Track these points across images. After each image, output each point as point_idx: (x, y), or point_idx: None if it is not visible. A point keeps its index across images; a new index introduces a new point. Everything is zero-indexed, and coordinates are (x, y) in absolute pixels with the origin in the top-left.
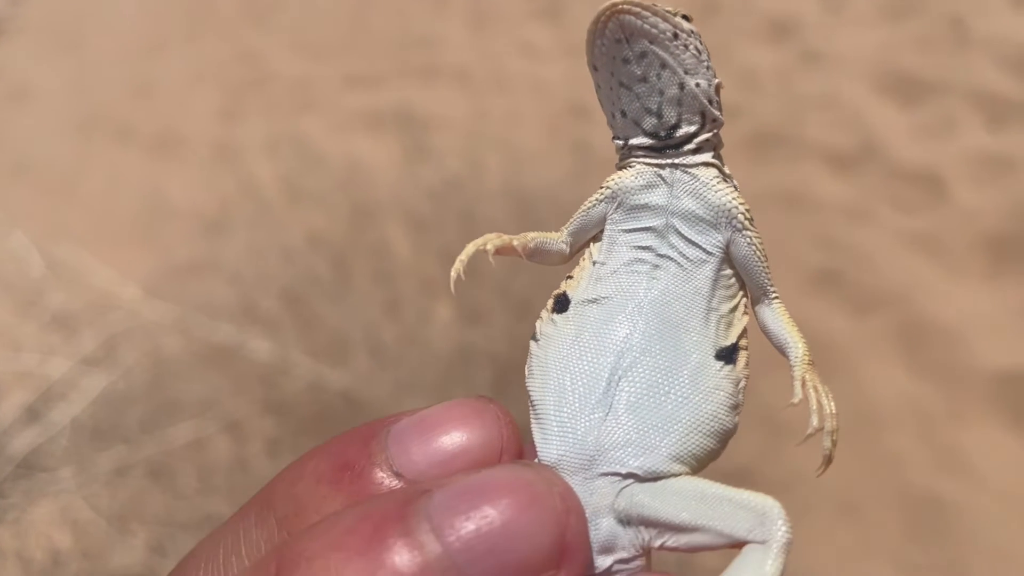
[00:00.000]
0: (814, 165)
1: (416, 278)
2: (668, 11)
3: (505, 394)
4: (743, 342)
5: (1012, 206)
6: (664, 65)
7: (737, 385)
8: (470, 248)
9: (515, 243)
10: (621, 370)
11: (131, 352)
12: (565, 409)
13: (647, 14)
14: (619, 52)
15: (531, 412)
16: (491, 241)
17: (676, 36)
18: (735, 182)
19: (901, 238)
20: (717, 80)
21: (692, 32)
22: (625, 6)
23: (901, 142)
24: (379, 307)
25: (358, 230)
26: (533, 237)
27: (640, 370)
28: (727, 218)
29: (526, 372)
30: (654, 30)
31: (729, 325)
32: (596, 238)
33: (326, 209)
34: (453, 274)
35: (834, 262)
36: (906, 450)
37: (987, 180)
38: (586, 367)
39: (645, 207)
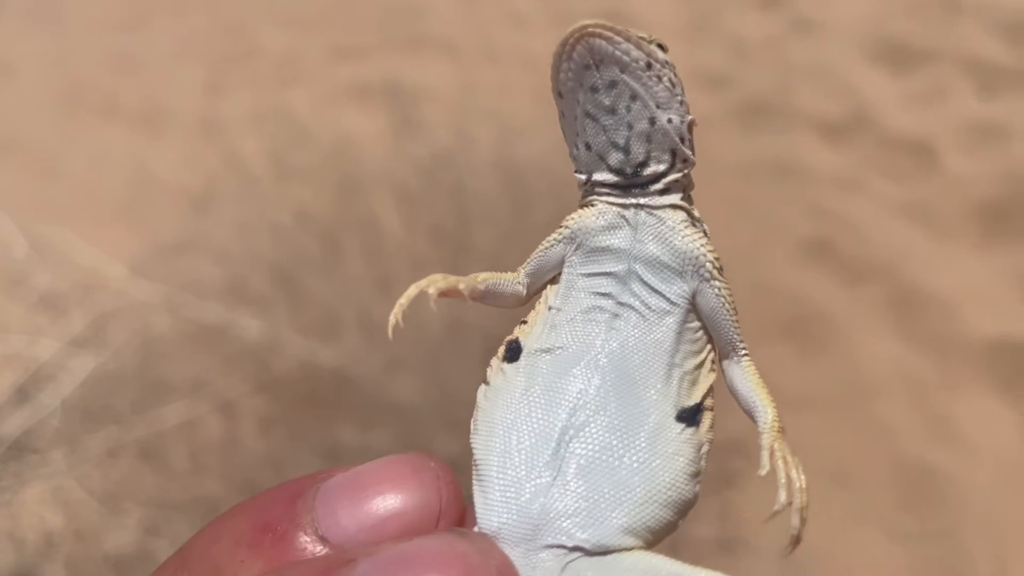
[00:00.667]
0: (805, 134)
1: (406, 253)
2: (642, 38)
3: None
4: (708, 402)
5: (1003, 174)
6: (635, 96)
7: (699, 450)
8: (412, 291)
9: (461, 286)
10: (573, 429)
11: (120, 332)
12: (509, 472)
13: (619, 40)
14: (587, 79)
15: (473, 473)
16: (435, 284)
17: (649, 66)
18: (705, 226)
19: (892, 207)
20: (690, 117)
21: (667, 63)
22: (596, 29)
23: (892, 110)
24: (369, 283)
25: (347, 205)
26: (484, 278)
27: (593, 430)
28: (694, 266)
29: (471, 426)
30: (626, 57)
31: (694, 383)
32: (554, 280)
33: (314, 184)
34: (392, 319)
35: (825, 231)
36: (898, 419)
37: (978, 148)
38: (535, 425)
39: (606, 250)
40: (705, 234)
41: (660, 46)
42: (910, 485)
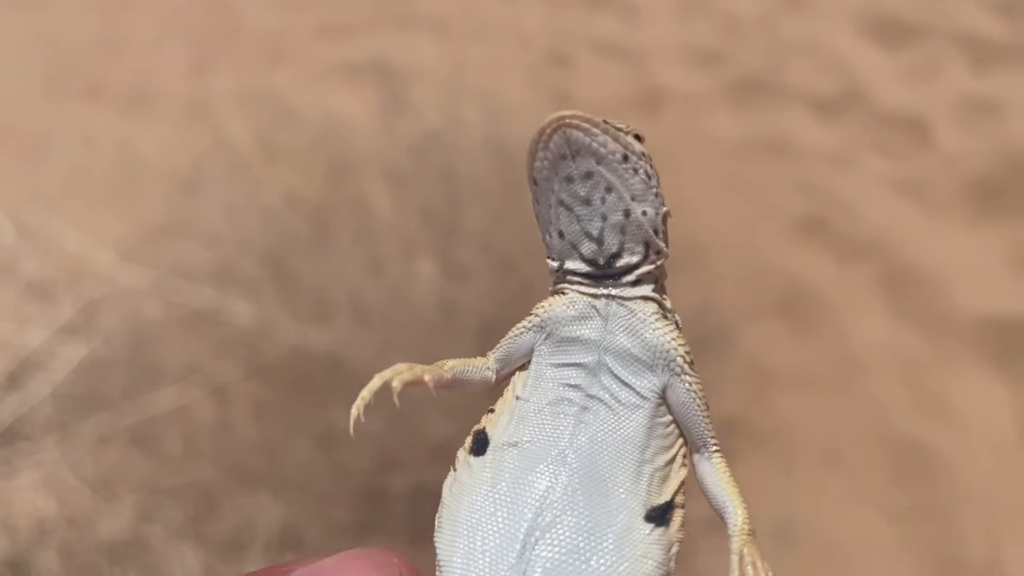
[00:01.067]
0: (798, 111)
1: (397, 235)
2: (620, 128)
3: (491, 349)
4: (679, 499)
5: (996, 150)
6: (610, 188)
7: (669, 551)
8: (375, 383)
9: (427, 377)
10: (539, 529)
11: (109, 319)
12: (472, 574)
13: (596, 131)
14: (562, 169)
15: (436, 574)
16: (399, 376)
17: (626, 158)
18: (677, 317)
19: (885, 184)
20: (665, 208)
21: (643, 155)
22: (574, 120)
23: (885, 86)
24: (361, 266)
25: (336, 187)
26: (452, 366)
27: (560, 531)
28: (664, 360)
29: (436, 523)
30: (603, 150)
31: (664, 479)
32: (524, 366)
33: (303, 166)
34: (354, 411)
35: (818, 209)
36: (890, 396)
37: (971, 124)
38: (500, 525)
39: (576, 340)
40: (677, 326)
41: (637, 137)
42: (902, 462)
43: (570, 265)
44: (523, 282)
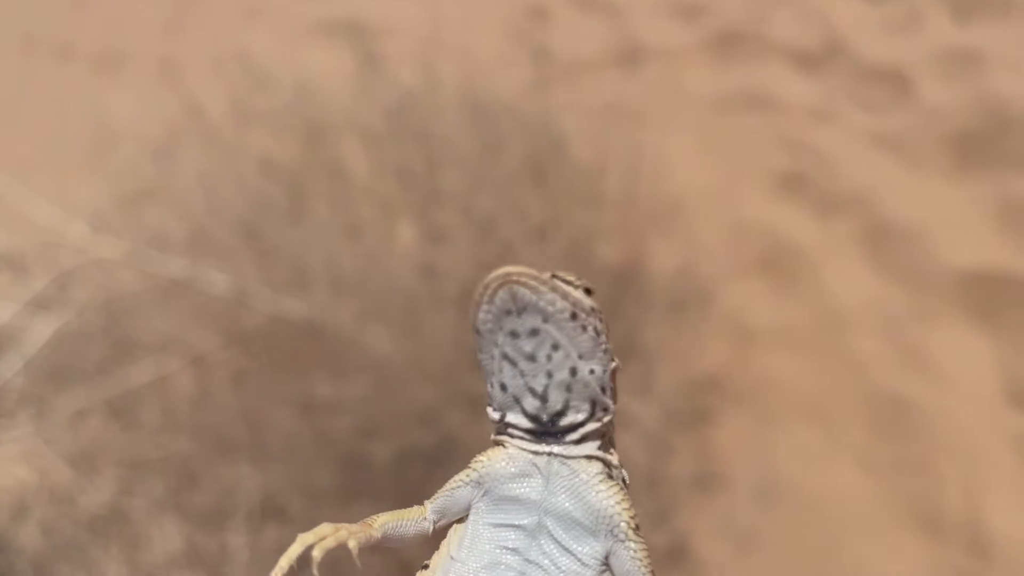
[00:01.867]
0: (779, 64)
1: (375, 199)
2: (570, 282)
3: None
4: None
5: (978, 102)
6: (557, 346)
7: None
8: (295, 549)
9: (351, 543)
10: None
11: (82, 291)
12: None
13: (544, 289)
14: (507, 324)
15: None
16: (320, 544)
17: (574, 316)
18: (625, 474)
19: (866, 138)
20: (614, 364)
21: (593, 310)
22: (521, 278)
23: (867, 38)
24: (338, 232)
25: (312, 151)
26: (383, 523)
27: None
28: (608, 525)
29: None
30: (550, 308)
31: None
32: (463, 518)
33: (277, 130)
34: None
35: (799, 164)
36: (872, 352)
37: (953, 76)
38: None
39: (515, 500)
40: (625, 484)
41: (587, 291)
42: (883, 417)
43: (511, 419)
44: (503, 244)
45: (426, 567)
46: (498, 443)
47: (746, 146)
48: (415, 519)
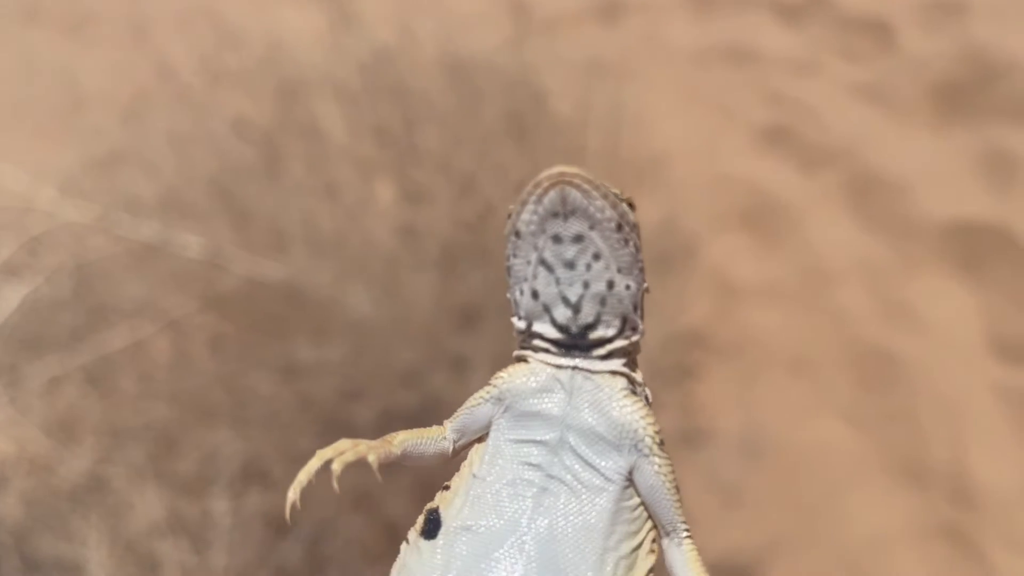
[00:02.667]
0: (760, 16)
1: (352, 159)
2: (616, 195)
3: (453, 273)
4: None
5: (961, 52)
6: (598, 256)
7: None
8: (313, 463)
9: (371, 458)
10: None
11: (53, 256)
12: None
13: (596, 195)
14: (551, 227)
15: None
16: (340, 458)
17: (620, 227)
18: (648, 392)
19: (849, 89)
20: (646, 284)
21: (635, 226)
22: (576, 180)
23: None
24: (314, 192)
25: (285, 110)
26: (402, 440)
27: None
28: (632, 440)
29: None
30: (599, 215)
31: (631, 567)
32: (483, 438)
33: (249, 89)
34: (291, 495)
35: (782, 117)
36: (856, 305)
37: (936, 25)
38: None
39: (537, 415)
40: (647, 401)
41: (631, 205)
42: (868, 370)
43: (538, 328)
44: (484, 202)
45: (447, 488)
46: (520, 359)
47: (728, 99)
48: (435, 438)
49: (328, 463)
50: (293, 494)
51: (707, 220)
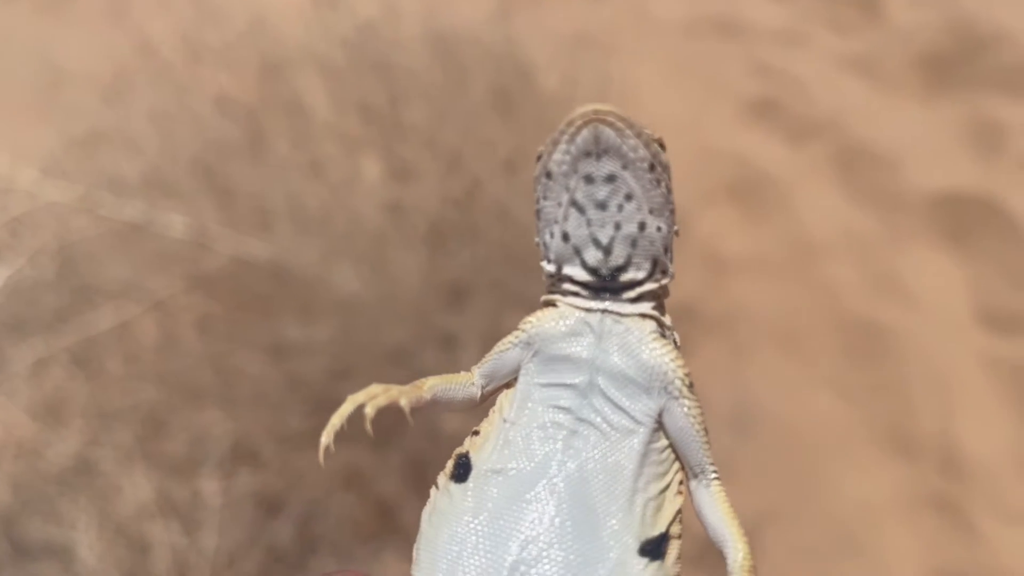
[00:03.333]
0: None
1: (336, 135)
2: (649, 135)
3: (441, 249)
4: (675, 529)
5: (947, 23)
6: (630, 196)
7: None
8: (346, 407)
9: (403, 401)
10: (525, 564)
11: (35, 237)
12: None
13: (630, 134)
14: (584, 167)
15: None
16: (373, 402)
17: (652, 168)
18: (676, 336)
19: (836, 61)
20: (676, 227)
21: (667, 167)
22: (609, 117)
23: None
24: (300, 169)
25: (269, 87)
26: (432, 386)
27: (547, 566)
28: (662, 382)
29: (413, 555)
30: (632, 154)
31: (659, 509)
32: (511, 383)
33: (231, 66)
34: (324, 439)
35: (769, 89)
36: (844, 277)
37: None
38: (482, 560)
39: (566, 359)
40: (676, 345)
41: (662, 145)
42: (857, 342)
43: (568, 271)
44: (471, 178)
45: (476, 433)
46: (548, 303)
47: (716, 72)
48: (463, 383)
49: (361, 407)
50: (327, 438)
51: (695, 194)
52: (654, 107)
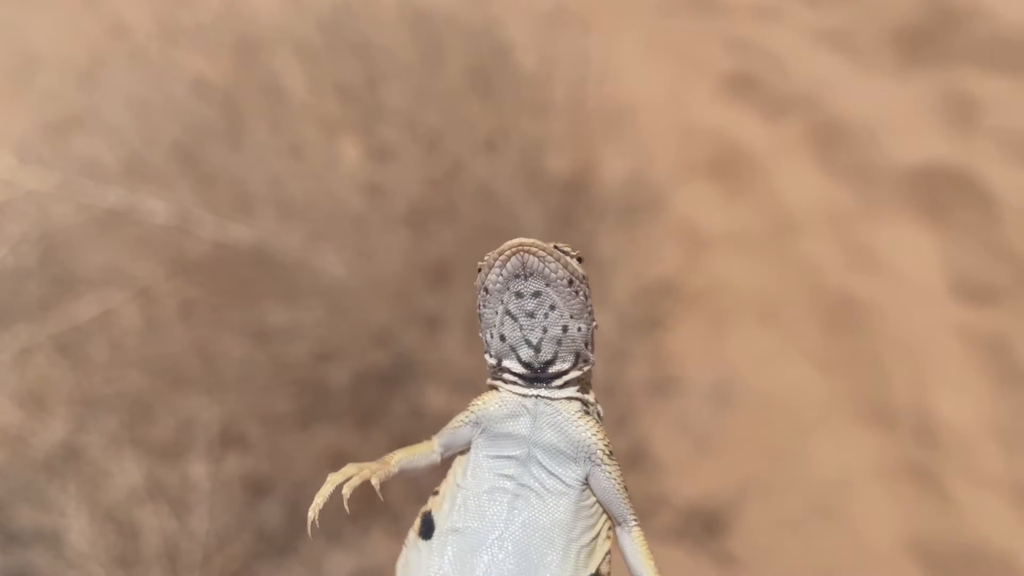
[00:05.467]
0: None
1: (315, 117)
2: (567, 252)
3: (423, 231)
4: (605, 568)
5: None
6: (554, 307)
7: None
8: (327, 489)
9: (374, 481)
10: None
11: (15, 226)
12: None
13: (550, 259)
14: (514, 285)
15: None
16: (348, 483)
17: (571, 283)
18: (599, 409)
19: (811, 35)
20: (595, 324)
21: (584, 278)
22: (533, 248)
23: None
24: (279, 152)
25: (246, 69)
26: (399, 460)
27: None
28: (586, 453)
29: None
30: (553, 275)
31: (591, 553)
32: (465, 450)
33: (207, 48)
34: (311, 515)
35: (746, 65)
36: (822, 251)
37: None
38: None
39: (508, 436)
40: (599, 417)
41: (579, 259)
42: (834, 315)
43: (507, 364)
44: (451, 159)
45: (436, 493)
46: (492, 387)
47: (693, 48)
48: (425, 453)
49: (339, 487)
50: (313, 514)
51: (674, 170)
52: (631, 84)
